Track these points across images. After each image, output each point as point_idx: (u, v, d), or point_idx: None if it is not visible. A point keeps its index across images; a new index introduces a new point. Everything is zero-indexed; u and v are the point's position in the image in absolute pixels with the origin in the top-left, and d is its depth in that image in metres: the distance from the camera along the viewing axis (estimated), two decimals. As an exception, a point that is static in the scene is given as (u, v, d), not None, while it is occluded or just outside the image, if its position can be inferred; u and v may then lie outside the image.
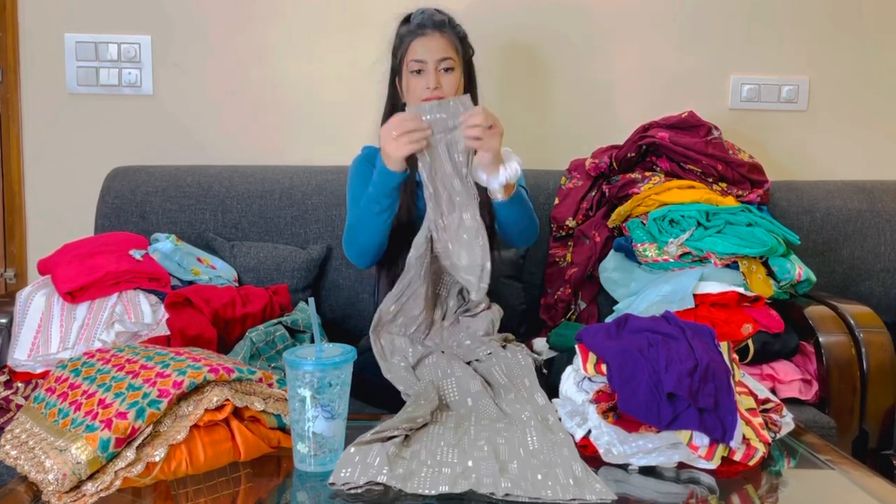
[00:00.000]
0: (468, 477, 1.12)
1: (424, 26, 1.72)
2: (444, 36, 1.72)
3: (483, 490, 1.09)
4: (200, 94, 2.37)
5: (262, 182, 2.19)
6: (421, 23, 1.73)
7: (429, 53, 1.70)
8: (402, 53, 1.73)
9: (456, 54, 1.73)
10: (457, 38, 1.74)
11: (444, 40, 1.71)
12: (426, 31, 1.72)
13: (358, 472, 1.11)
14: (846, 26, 2.45)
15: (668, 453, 1.21)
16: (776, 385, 1.77)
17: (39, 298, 1.76)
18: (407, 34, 1.74)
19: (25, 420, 1.25)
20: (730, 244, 1.82)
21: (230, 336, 1.78)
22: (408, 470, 1.14)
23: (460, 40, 1.76)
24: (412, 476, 1.12)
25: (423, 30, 1.72)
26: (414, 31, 1.73)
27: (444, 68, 1.70)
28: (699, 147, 2.06)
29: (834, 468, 1.26)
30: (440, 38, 1.71)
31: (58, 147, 2.37)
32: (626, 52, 2.42)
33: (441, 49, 1.70)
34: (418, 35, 1.72)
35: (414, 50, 1.71)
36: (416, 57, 1.71)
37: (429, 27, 1.72)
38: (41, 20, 2.33)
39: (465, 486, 1.10)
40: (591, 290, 2.11)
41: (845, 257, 2.24)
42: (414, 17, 1.77)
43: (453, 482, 1.11)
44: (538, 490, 1.10)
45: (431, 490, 1.09)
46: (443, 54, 1.70)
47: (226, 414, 1.19)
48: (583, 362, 1.30)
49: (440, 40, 1.71)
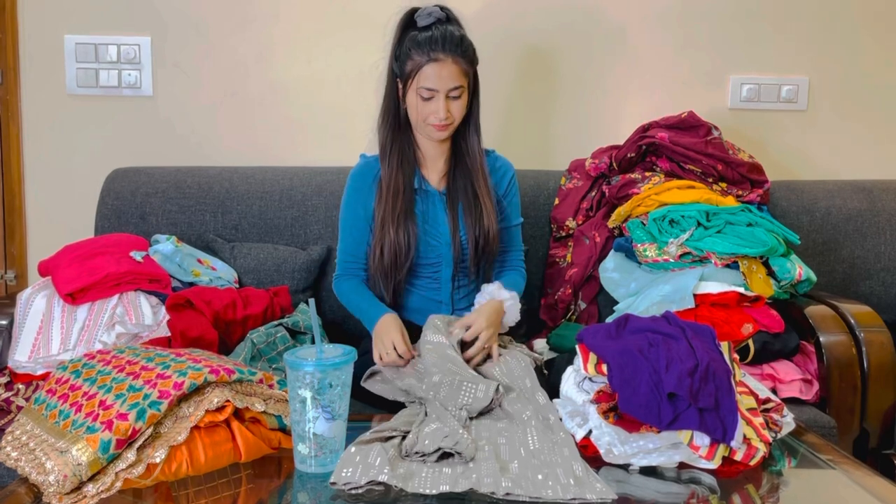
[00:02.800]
0: (469, 476, 1.13)
1: (437, 46, 1.66)
2: (456, 63, 1.68)
3: (484, 489, 1.10)
4: (200, 95, 2.37)
5: (262, 183, 2.19)
6: (433, 39, 1.67)
7: (441, 82, 1.67)
8: (412, 71, 1.68)
9: (465, 78, 1.71)
10: (467, 61, 1.71)
11: (457, 68, 1.68)
12: (439, 56, 1.66)
13: (359, 472, 1.12)
14: (846, 26, 2.45)
15: (668, 453, 1.21)
16: (777, 385, 1.77)
17: (40, 300, 1.76)
18: (417, 49, 1.68)
19: (26, 422, 1.26)
20: (730, 244, 1.82)
21: (231, 338, 1.78)
22: (408, 470, 1.15)
23: (469, 62, 1.72)
24: (413, 476, 1.13)
25: (435, 53, 1.66)
26: (426, 50, 1.66)
27: (454, 96, 1.70)
28: (699, 147, 2.06)
29: (835, 468, 1.26)
30: (452, 66, 1.67)
31: (58, 148, 2.37)
32: (626, 53, 2.42)
33: (453, 78, 1.68)
34: (432, 60, 1.66)
35: (426, 76, 1.67)
36: (428, 85, 1.67)
37: (442, 52, 1.66)
38: (41, 21, 2.33)
39: (466, 485, 1.11)
40: (591, 290, 2.11)
41: (845, 257, 2.24)
42: (420, 17, 1.71)
43: (454, 481, 1.12)
44: (539, 490, 1.10)
45: (432, 489, 1.10)
46: (455, 83, 1.68)
47: (226, 415, 1.19)
48: (583, 362, 1.30)
49: (452, 68, 1.67)
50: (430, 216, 1.78)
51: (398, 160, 1.77)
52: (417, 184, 1.79)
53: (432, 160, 1.81)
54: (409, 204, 1.75)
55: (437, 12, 1.71)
